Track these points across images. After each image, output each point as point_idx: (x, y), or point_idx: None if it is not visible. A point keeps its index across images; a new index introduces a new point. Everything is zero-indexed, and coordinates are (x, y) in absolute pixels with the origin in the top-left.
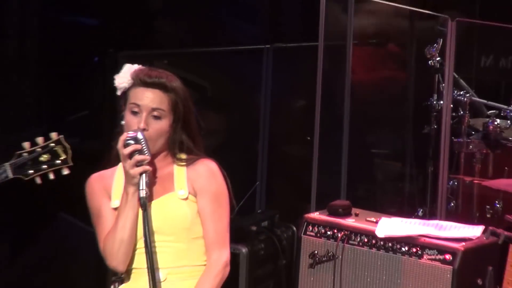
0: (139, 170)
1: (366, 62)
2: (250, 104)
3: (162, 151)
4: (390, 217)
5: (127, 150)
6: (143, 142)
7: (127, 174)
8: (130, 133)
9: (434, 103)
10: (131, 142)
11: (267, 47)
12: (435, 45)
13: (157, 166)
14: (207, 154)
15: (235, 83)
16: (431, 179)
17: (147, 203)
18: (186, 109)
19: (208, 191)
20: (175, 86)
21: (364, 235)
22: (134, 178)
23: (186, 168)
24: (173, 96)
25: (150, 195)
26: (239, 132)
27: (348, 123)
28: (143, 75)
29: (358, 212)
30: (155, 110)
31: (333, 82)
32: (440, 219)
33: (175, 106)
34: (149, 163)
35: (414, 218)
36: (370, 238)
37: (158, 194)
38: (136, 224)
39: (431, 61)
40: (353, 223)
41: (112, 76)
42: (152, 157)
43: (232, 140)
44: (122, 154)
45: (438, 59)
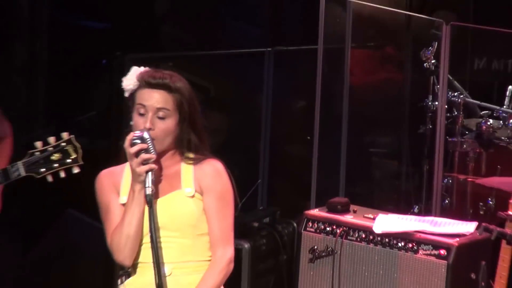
0: (145, 168)
1: (364, 65)
2: (252, 105)
3: (169, 149)
4: (387, 213)
5: (133, 149)
6: (149, 142)
7: (133, 172)
8: (136, 132)
9: (429, 104)
10: (138, 141)
11: (268, 50)
12: (430, 48)
13: (165, 164)
14: (211, 153)
15: (237, 84)
16: (426, 177)
17: (153, 200)
18: (191, 108)
19: (214, 190)
20: (179, 86)
21: (362, 231)
22: (140, 176)
23: (193, 167)
24: (178, 96)
25: (158, 192)
26: (241, 132)
27: (347, 123)
28: (147, 76)
29: (356, 209)
30: (160, 110)
31: (332, 84)
32: (435, 216)
33: (180, 106)
34: (156, 161)
35: (410, 214)
36: (368, 234)
37: (165, 192)
38: (142, 220)
39: (427, 63)
40: (351, 219)
41: (119, 78)
42: (159, 155)
43: (234, 139)
44: (129, 153)
45: (433, 61)
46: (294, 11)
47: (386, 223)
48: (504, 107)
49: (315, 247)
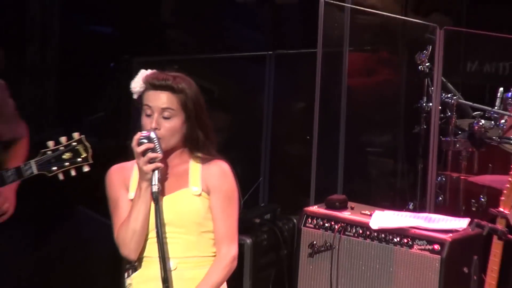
0: (152, 167)
1: (361, 67)
2: (253, 105)
3: (177, 148)
4: (383, 210)
5: (140, 148)
6: (155, 141)
7: (140, 170)
8: (143, 132)
9: (424, 105)
10: (144, 141)
11: (269, 53)
12: (425, 51)
13: (173, 163)
14: (217, 151)
15: (240, 86)
16: (421, 175)
17: (160, 197)
18: (197, 107)
19: (220, 190)
20: (182, 87)
21: (359, 227)
22: (147, 174)
23: (201, 167)
24: (182, 96)
25: (165, 190)
26: (243, 132)
27: (345, 123)
28: (152, 79)
29: (353, 206)
30: (165, 110)
31: (330, 86)
32: (429, 212)
33: (184, 105)
34: (164, 160)
35: (405, 211)
36: (365, 230)
37: (173, 189)
38: (148, 217)
39: (421, 66)
40: (349, 215)
41: (126, 80)
42: (168, 154)
43: (237, 139)
44: (136, 152)
45: (428, 64)
46: (294, 17)
47: (382, 219)
48: (495, 108)
49: (314, 242)
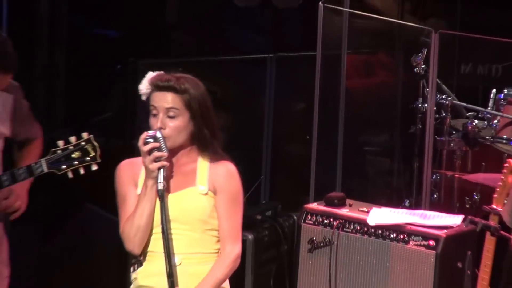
0: (157, 165)
1: (359, 70)
2: (255, 106)
3: (185, 146)
4: (380, 207)
5: (146, 147)
6: (161, 140)
7: (146, 168)
8: (149, 132)
9: (419, 105)
10: (150, 140)
11: (270, 56)
12: (420, 54)
13: (181, 161)
14: (223, 149)
15: (242, 88)
16: (416, 173)
17: (167, 194)
18: (202, 106)
19: (226, 190)
20: (185, 87)
21: (357, 223)
22: (153, 172)
23: (209, 166)
24: (186, 96)
25: (172, 187)
26: (245, 132)
27: (343, 123)
28: (156, 80)
29: (351, 203)
30: (169, 110)
31: (329, 87)
32: (425, 209)
33: (188, 104)
34: (171, 158)
35: (402, 208)
36: (362, 226)
37: (180, 187)
38: (153, 214)
39: (417, 68)
40: (347, 212)
41: (132, 82)
42: (175, 152)
43: (239, 139)
44: (142, 151)
45: (423, 66)
46: (294, 20)
47: (379, 216)
48: (489, 108)
49: (314, 238)
